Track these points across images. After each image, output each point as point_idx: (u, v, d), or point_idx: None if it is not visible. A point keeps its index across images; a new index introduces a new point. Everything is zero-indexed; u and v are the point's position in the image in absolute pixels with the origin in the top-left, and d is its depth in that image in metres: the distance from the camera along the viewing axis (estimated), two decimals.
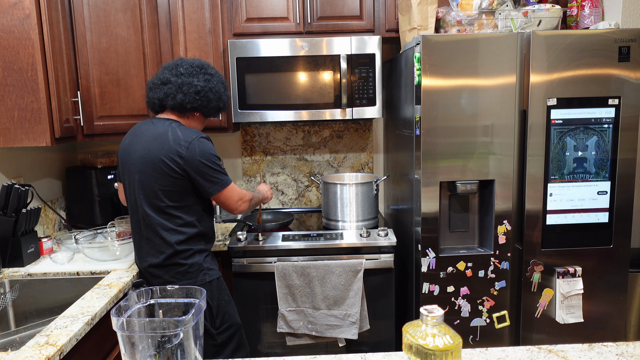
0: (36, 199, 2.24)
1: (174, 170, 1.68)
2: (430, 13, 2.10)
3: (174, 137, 1.70)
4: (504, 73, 1.91)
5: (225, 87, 1.89)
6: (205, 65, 1.85)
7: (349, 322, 2.12)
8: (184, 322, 1.00)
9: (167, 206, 1.72)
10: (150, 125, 1.78)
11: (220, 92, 1.84)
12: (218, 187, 1.75)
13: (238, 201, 1.81)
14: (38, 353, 1.23)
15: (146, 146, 1.72)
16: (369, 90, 2.33)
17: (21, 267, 1.93)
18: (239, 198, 1.81)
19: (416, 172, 2.02)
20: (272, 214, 2.70)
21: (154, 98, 1.81)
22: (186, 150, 1.68)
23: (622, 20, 2.18)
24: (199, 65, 1.83)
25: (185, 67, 1.79)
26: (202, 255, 1.79)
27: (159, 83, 1.79)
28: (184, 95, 1.76)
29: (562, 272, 1.98)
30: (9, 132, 1.96)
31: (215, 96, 1.82)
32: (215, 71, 1.87)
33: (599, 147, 1.96)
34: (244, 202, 1.84)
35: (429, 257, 1.99)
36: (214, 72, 1.85)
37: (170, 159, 1.68)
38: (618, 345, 1.22)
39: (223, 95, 1.86)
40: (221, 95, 1.85)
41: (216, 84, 1.83)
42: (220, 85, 1.85)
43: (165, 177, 1.69)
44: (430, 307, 0.91)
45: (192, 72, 1.79)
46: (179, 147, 1.68)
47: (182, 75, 1.78)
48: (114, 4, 2.24)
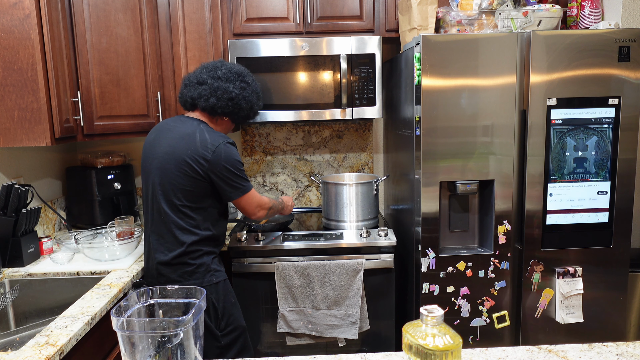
0: (36, 199, 2.24)
1: (196, 172, 1.70)
2: (430, 13, 2.10)
3: (201, 139, 1.72)
4: (504, 73, 1.91)
5: (259, 97, 1.93)
6: (243, 72, 1.87)
7: (349, 322, 2.12)
8: (184, 322, 1.00)
9: (184, 205, 1.74)
10: (178, 123, 1.80)
11: (253, 102, 1.88)
12: (239, 193, 1.78)
13: (257, 207, 1.86)
14: (38, 353, 1.23)
15: (172, 143, 1.74)
16: (369, 90, 2.33)
17: (21, 267, 1.93)
18: (257, 205, 1.86)
19: (416, 172, 2.02)
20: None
21: (187, 96, 1.84)
22: (212, 154, 1.70)
23: (622, 20, 2.18)
24: (237, 71, 1.84)
25: (223, 71, 1.81)
26: (210, 256, 1.81)
27: (194, 82, 1.82)
28: (217, 100, 1.78)
29: (562, 272, 1.98)
30: (9, 132, 1.96)
31: (248, 105, 1.86)
32: (253, 80, 1.90)
33: (599, 147, 1.96)
34: (262, 209, 1.88)
35: (429, 257, 1.99)
36: (250, 81, 1.87)
37: (194, 161, 1.70)
38: (618, 345, 1.22)
39: (255, 106, 1.90)
40: (253, 105, 1.88)
41: (250, 94, 1.85)
42: (254, 95, 1.88)
43: (187, 177, 1.71)
44: (430, 307, 0.91)
45: (230, 78, 1.81)
46: (205, 150, 1.70)
47: (219, 79, 1.80)
48: (114, 4, 2.24)
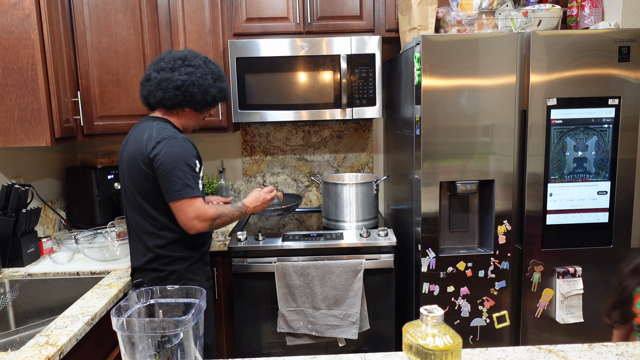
0: (36, 199, 2.24)
1: (144, 171, 1.60)
2: (430, 13, 2.10)
3: (148, 136, 1.61)
4: (504, 73, 1.91)
5: (218, 78, 1.72)
6: (189, 56, 1.68)
7: (349, 322, 2.12)
8: (184, 322, 1.00)
9: (147, 208, 1.65)
10: (138, 125, 1.72)
11: (207, 84, 1.67)
12: (172, 196, 1.58)
13: (193, 219, 1.59)
14: (38, 353, 1.23)
15: (129, 148, 1.66)
16: (369, 90, 2.33)
17: (21, 267, 1.93)
18: (195, 215, 1.59)
19: (416, 172, 2.02)
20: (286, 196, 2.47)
21: (141, 96, 1.73)
22: (152, 150, 1.58)
23: (622, 20, 2.18)
24: (182, 57, 1.68)
25: (167, 61, 1.66)
26: (184, 263, 1.70)
27: (144, 80, 1.71)
28: (163, 92, 1.64)
29: (562, 272, 1.98)
30: (9, 132, 1.96)
31: (200, 90, 1.66)
32: (203, 62, 1.70)
33: (599, 147, 1.96)
34: (201, 220, 1.60)
35: (429, 257, 1.99)
36: (198, 63, 1.68)
37: (142, 160, 1.60)
38: (618, 345, 1.22)
39: (211, 88, 1.69)
40: (207, 88, 1.68)
41: (200, 77, 1.66)
42: (206, 77, 1.68)
43: (142, 178, 1.62)
44: (430, 307, 0.91)
45: (174, 66, 1.65)
46: (149, 147, 1.59)
47: (163, 71, 1.65)
48: (114, 4, 2.24)
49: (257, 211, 1.88)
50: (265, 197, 1.88)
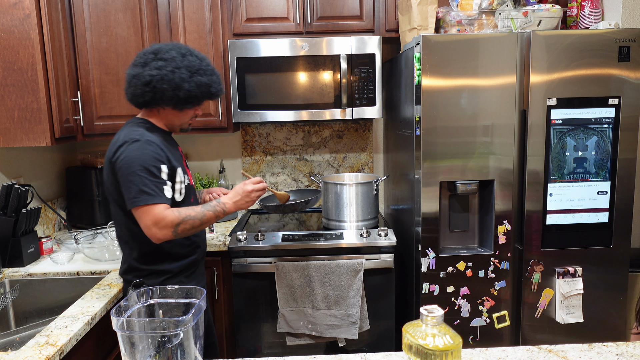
0: (36, 199, 2.24)
1: (111, 177, 1.52)
2: (430, 13, 2.10)
3: (115, 140, 1.54)
4: (504, 73, 1.91)
5: (197, 72, 1.55)
6: (165, 49, 1.54)
7: (349, 322, 2.12)
8: (184, 322, 1.00)
9: (121, 216, 1.57)
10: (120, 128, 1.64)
11: (178, 79, 1.51)
12: (129, 203, 1.46)
13: (151, 227, 1.44)
14: (38, 353, 1.23)
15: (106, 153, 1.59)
16: (369, 90, 2.33)
17: (21, 267, 1.93)
18: (152, 222, 1.44)
19: (416, 172, 2.02)
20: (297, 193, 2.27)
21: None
22: (114, 154, 1.49)
23: (622, 20, 2.18)
24: (153, 50, 1.55)
25: (140, 56, 1.56)
26: (158, 278, 1.58)
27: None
28: (133, 89, 1.54)
29: (562, 272, 1.98)
30: (9, 132, 1.96)
31: (171, 85, 1.50)
32: (180, 54, 1.54)
33: (599, 147, 1.96)
34: (160, 228, 1.44)
35: (429, 257, 1.99)
36: (172, 56, 1.52)
37: (108, 165, 1.52)
38: (618, 345, 1.22)
39: (185, 83, 1.52)
40: (180, 83, 1.51)
41: (171, 71, 1.50)
42: (180, 71, 1.51)
43: (110, 185, 1.53)
44: (430, 307, 0.91)
45: (145, 61, 1.53)
46: (112, 151, 1.51)
47: (135, 67, 1.54)
48: (114, 4, 2.24)
49: (242, 207, 1.64)
50: (246, 188, 1.63)
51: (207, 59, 1.64)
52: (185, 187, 1.60)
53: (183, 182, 1.59)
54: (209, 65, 1.61)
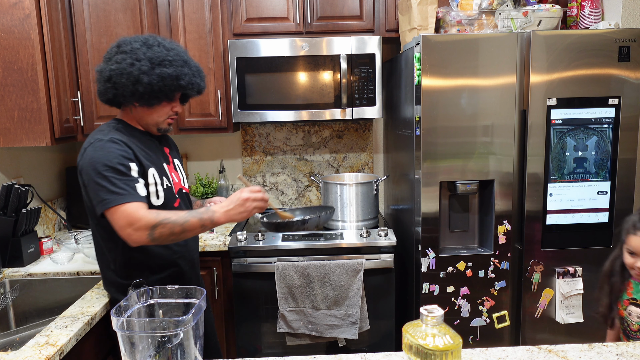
0: (36, 199, 2.24)
1: (80, 182, 1.42)
2: (430, 13, 2.10)
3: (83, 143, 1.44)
4: (504, 73, 1.91)
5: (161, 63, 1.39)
6: (128, 41, 1.42)
7: (349, 322, 2.12)
8: (184, 322, 1.00)
9: (93, 226, 1.49)
10: None
11: (137, 72, 1.37)
12: (100, 207, 1.34)
13: (126, 227, 1.31)
14: (38, 353, 1.23)
15: None
16: (369, 90, 2.33)
17: (21, 267, 1.93)
18: (127, 222, 1.31)
19: (416, 172, 2.02)
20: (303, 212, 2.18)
21: None
22: (80, 156, 1.40)
23: (622, 20, 2.18)
24: (118, 43, 1.43)
25: (107, 50, 1.45)
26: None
27: None
28: (99, 86, 1.44)
29: (562, 272, 1.98)
30: (9, 132, 1.96)
31: (129, 79, 1.37)
32: (142, 45, 1.41)
33: (599, 147, 1.96)
34: (135, 229, 1.31)
35: (429, 257, 1.99)
36: (133, 48, 1.39)
37: (78, 170, 1.42)
38: (618, 345, 1.22)
39: (144, 76, 1.37)
40: (139, 76, 1.37)
41: (130, 63, 1.37)
42: (141, 63, 1.37)
43: (82, 190, 1.43)
44: (430, 307, 0.91)
45: (109, 54, 1.42)
46: (79, 155, 1.42)
47: (102, 62, 1.44)
48: (114, 4, 2.24)
49: (235, 219, 1.41)
50: (241, 196, 1.41)
51: (180, 48, 1.49)
52: (164, 190, 1.47)
53: (158, 184, 1.46)
54: (178, 55, 1.45)
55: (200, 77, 1.52)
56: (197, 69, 1.51)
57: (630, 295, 1.44)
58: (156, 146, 1.56)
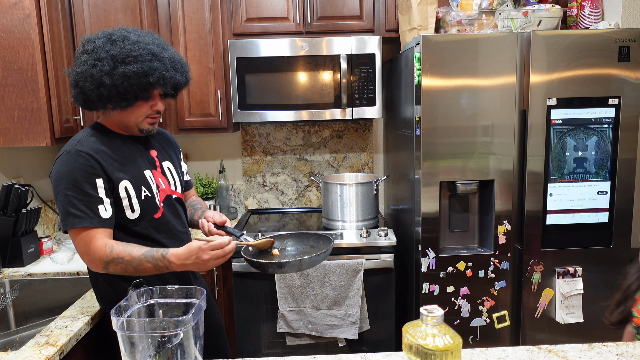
0: (36, 199, 2.24)
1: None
2: (430, 13, 2.10)
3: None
4: (504, 73, 1.91)
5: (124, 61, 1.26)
6: (91, 38, 1.31)
7: (349, 322, 2.12)
8: (184, 322, 1.00)
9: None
10: None
11: (98, 73, 1.25)
12: (62, 225, 1.28)
13: (83, 255, 1.28)
14: (38, 353, 1.23)
15: None
16: (369, 90, 2.33)
17: (21, 267, 1.93)
18: (84, 251, 1.28)
19: (416, 172, 2.02)
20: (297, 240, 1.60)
21: None
22: (52, 167, 1.33)
23: (622, 20, 2.18)
24: (83, 42, 1.32)
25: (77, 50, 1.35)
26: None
27: None
28: (71, 89, 1.34)
29: (562, 272, 1.98)
30: (9, 132, 1.95)
31: (92, 82, 1.26)
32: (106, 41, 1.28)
33: (599, 147, 1.96)
34: (91, 260, 1.27)
35: (429, 257, 1.99)
36: (94, 47, 1.28)
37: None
38: (618, 345, 1.22)
39: (105, 77, 1.25)
40: (100, 78, 1.25)
41: (92, 65, 1.26)
42: (102, 63, 1.25)
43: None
44: (430, 307, 0.91)
45: (76, 55, 1.33)
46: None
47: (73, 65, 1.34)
48: (114, 4, 2.24)
49: (193, 270, 1.30)
50: (201, 256, 1.23)
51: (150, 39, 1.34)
52: (141, 202, 1.36)
53: (133, 197, 1.35)
54: (146, 48, 1.29)
55: (176, 69, 1.36)
56: (171, 60, 1.35)
57: None
58: (139, 151, 1.43)
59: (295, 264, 1.34)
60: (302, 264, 1.34)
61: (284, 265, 1.34)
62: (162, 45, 1.36)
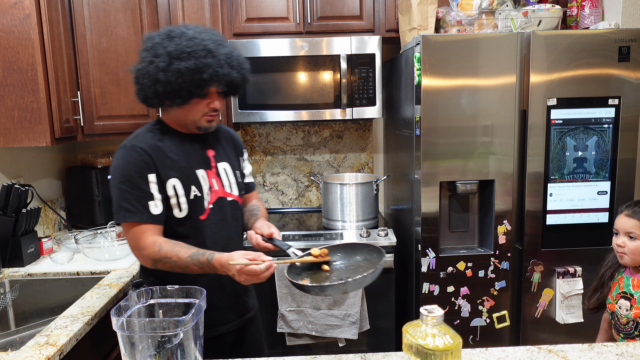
0: (36, 199, 2.24)
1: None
2: (430, 13, 2.10)
3: None
4: (504, 73, 1.91)
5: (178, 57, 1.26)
6: (153, 35, 1.32)
7: (349, 322, 2.12)
8: (184, 322, 1.00)
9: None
10: None
11: (154, 70, 1.27)
12: (115, 218, 1.32)
13: (134, 249, 1.32)
14: (38, 353, 1.23)
15: None
16: (369, 90, 2.33)
17: (21, 267, 1.92)
18: (134, 246, 1.32)
19: (416, 172, 2.02)
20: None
21: None
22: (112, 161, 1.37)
23: (622, 20, 2.18)
24: (146, 38, 1.34)
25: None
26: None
27: None
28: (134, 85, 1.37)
29: (562, 272, 1.98)
30: (9, 132, 1.95)
31: (150, 79, 1.28)
32: (165, 37, 1.29)
33: (599, 147, 1.96)
34: (141, 255, 1.31)
35: (429, 257, 1.99)
36: (153, 44, 1.30)
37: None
38: (618, 345, 1.22)
39: (160, 74, 1.26)
40: (156, 75, 1.27)
41: (150, 61, 1.28)
42: (159, 59, 1.27)
43: None
44: (430, 307, 0.91)
45: (140, 52, 1.34)
46: None
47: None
48: (114, 4, 2.24)
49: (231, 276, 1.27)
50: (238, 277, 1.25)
51: (207, 35, 1.32)
52: (189, 202, 1.35)
53: (181, 196, 1.34)
54: (201, 44, 1.28)
55: (231, 66, 1.32)
56: (227, 57, 1.32)
57: (621, 290, 1.46)
58: (195, 150, 1.41)
59: (339, 287, 1.18)
60: (347, 287, 1.18)
61: (326, 288, 1.19)
62: (220, 41, 1.34)
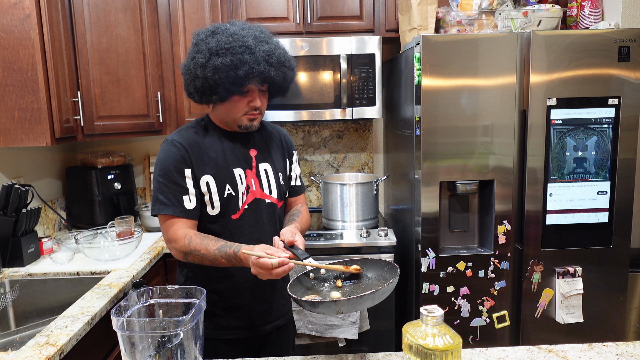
0: (36, 199, 2.24)
1: None
2: (430, 13, 2.10)
3: None
4: (504, 73, 1.91)
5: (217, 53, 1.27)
6: (199, 32, 1.35)
7: (349, 322, 2.12)
8: (184, 322, 1.00)
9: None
10: None
11: (193, 66, 1.30)
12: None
13: (167, 241, 1.36)
14: (38, 353, 1.23)
15: None
16: (369, 90, 2.33)
17: (21, 267, 1.92)
18: (167, 238, 1.35)
19: (416, 172, 2.02)
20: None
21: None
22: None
23: (622, 20, 2.18)
24: (193, 35, 1.38)
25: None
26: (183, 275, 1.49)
27: None
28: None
29: (562, 272, 1.98)
30: (9, 132, 1.95)
31: (190, 75, 1.32)
32: (208, 33, 1.32)
33: (599, 147, 1.96)
34: (172, 247, 1.34)
35: (429, 257, 1.99)
36: (196, 41, 1.33)
37: None
38: (618, 345, 1.22)
39: (198, 70, 1.28)
40: (195, 71, 1.29)
41: (192, 57, 1.32)
42: (200, 55, 1.29)
43: None
44: (430, 307, 0.91)
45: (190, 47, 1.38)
46: None
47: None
48: (114, 4, 2.24)
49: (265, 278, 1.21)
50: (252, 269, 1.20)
51: (247, 31, 1.31)
52: (222, 200, 1.36)
53: (214, 194, 1.35)
54: (241, 40, 1.27)
55: (270, 64, 1.29)
56: (266, 54, 1.29)
57: None
58: (236, 148, 1.41)
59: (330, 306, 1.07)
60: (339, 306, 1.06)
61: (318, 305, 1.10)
62: (262, 38, 1.32)
